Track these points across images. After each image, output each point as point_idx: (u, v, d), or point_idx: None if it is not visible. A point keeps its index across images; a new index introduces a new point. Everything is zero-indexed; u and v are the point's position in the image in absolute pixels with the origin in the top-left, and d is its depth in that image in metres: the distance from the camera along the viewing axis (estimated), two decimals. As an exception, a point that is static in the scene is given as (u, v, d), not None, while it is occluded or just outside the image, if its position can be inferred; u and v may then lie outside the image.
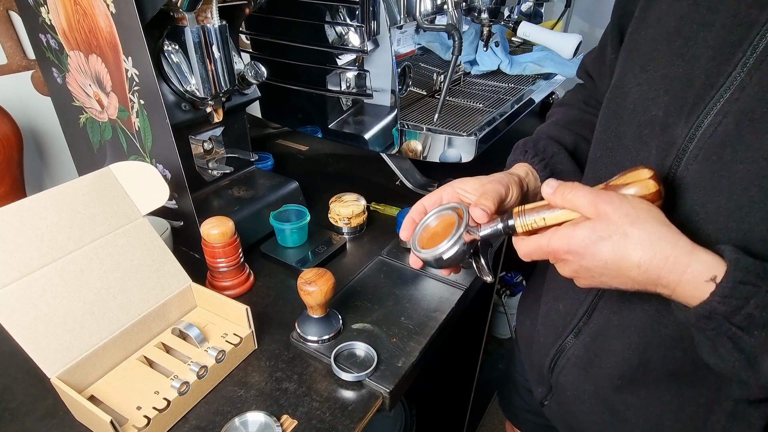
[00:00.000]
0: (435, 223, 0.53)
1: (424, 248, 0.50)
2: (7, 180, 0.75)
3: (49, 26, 0.67)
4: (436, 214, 0.53)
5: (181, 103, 0.69)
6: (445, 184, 0.56)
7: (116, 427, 0.45)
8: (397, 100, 0.92)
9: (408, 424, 1.21)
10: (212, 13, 0.64)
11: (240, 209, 0.76)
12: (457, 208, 0.51)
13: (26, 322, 0.47)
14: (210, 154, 0.78)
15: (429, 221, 0.54)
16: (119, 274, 0.54)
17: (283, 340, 0.61)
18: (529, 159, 0.62)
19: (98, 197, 0.55)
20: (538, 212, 0.45)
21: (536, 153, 0.62)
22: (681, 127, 0.43)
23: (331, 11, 0.91)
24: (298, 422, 0.50)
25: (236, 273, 0.67)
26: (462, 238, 0.48)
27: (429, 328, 0.62)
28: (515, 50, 1.44)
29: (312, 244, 0.77)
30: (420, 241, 0.52)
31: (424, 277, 0.72)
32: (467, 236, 0.49)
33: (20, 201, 0.50)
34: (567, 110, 0.70)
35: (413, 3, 0.91)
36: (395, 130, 0.94)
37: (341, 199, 0.81)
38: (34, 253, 0.49)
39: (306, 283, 0.55)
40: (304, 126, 1.14)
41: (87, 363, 0.50)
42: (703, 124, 0.41)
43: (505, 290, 1.71)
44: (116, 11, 0.58)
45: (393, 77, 0.92)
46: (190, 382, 0.51)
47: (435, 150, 0.93)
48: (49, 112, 0.83)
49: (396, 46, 0.92)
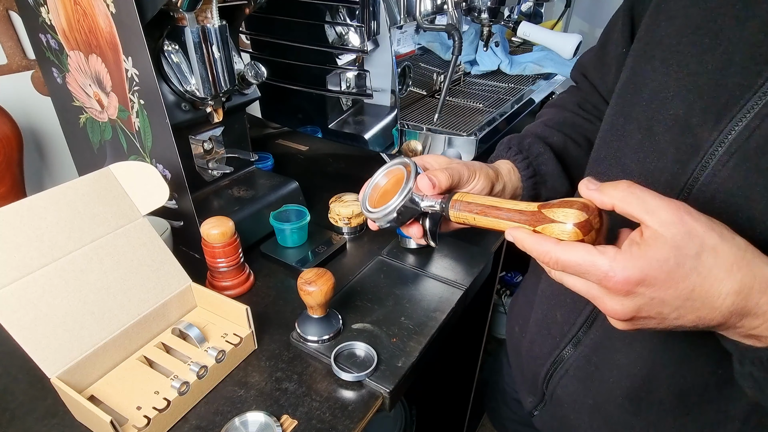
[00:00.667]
0: (384, 181, 0.51)
1: (375, 207, 0.48)
2: (7, 180, 0.75)
3: (49, 26, 0.67)
4: (385, 170, 0.51)
5: (181, 103, 0.69)
6: (416, 157, 0.54)
7: (116, 427, 0.45)
8: (397, 100, 0.92)
9: (408, 424, 1.21)
10: (212, 13, 0.64)
11: (240, 209, 0.76)
12: (406, 164, 0.49)
13: (26, 322, 0.47)
14: (210, 154, 0.78)
15: (378, 179, 0.52)
16: (119, 274, 0.54)
17: (283, 340, 0.61)
18: (511, 156, 0.58)
19: (98, 197, 0.55)
20: (483, 209, 0.41)
21: (520, 150, 0.58)
22: (708, 129, 0.38)
23: (331, 11, 0.91)
24: (298, 422, 0.50)
25: (236, 273, 0.67)
26: (410, 192, 0.45)
27: (429, 328, 0.62)
28: (515, 50, 1.44)
29: (312, 244, 0.77)
30: (371, 201, 0.50)
31: (424, 277, 0.72)
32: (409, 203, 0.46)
33: (20, 201, 0.50)
34: (558, 112, 0.66)
35: (413, 3, 0.92)
36: (395, 130, 0.94)
37: (341, 199, 0.81)
38: (34, 253, 0.49)
39: (306, 283, 0.55)
40: (304, 126, 1.14)
41: (87, 363, 0.50)
42: (736, 128, 0.37)
43: (505, 290, 1.71)
44: (116, 11, 0.58)
45: (393, 77, 0.92)
46: (190, 382, 0.51)
47: (435, 150, 0.93)
48: (49, 112, 0.83)
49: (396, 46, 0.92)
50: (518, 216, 0.39)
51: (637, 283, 0.31)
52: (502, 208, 0.40)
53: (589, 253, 0.33)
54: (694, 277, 0.31)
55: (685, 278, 0.31)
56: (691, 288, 0.31)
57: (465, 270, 0.73)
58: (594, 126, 0.63)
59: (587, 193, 0.35)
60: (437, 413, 1.36)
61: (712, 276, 0.31)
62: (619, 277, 0.31)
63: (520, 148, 0.58)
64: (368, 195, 0.51)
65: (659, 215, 0.31)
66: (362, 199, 0.51)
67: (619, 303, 0.33)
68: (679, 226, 0.31)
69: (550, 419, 0.61)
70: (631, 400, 0.48)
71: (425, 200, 0.46)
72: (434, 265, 0.74)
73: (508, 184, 0.55)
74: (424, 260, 0.75)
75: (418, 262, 0.75)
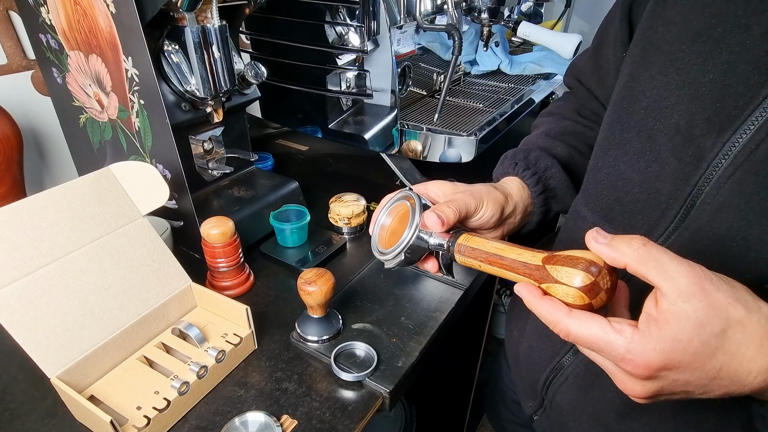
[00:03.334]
0: (390, 220, 0.50)
1: (387, 249, 0.47)
2: (7, 180, 0.75)
3: (49, 26, 0.67)
4: (389, 207, 0.50)
5: (181, 103, 0.69)
6: (419, 184, 0.53)
7: (116, 427, 0.45)
8: (397, 100, 0.92)
9: (408, 424, 1.21)
10: (212, 13, 0.64)
11: (240, 209, 0.76)
12: (409, 197, 0.47)
13: (26, 322, 0.47)
14: (210, 154, 0.78)
15: (383, 220, 0.50)
16: (119, 274, 0.54)
17: (283, 340, 0.61)
18: (519, 173, 0.56)
19: (98, 197, 0.55)
20: (488, 258, 0.39)
21: (527, 166, 0.56)
22: (711, 140, 0.37)
23: (331, 11, 0.91)
24: (298, 422, 0.50)
25: (236, 273, 0.67)
26: (417, 229, 0.44)
27: (429, 328, 0.62)
28: (515, 50, 1.44)
29: (312, 244, 0.77)
30: (382, 242, 0.49)
31: (424, 277, 0.72)
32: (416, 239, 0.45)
33: (20, 201, 0.50)
34: (557, 120, 0.63)
35: (413, 3, 0.92)
36: (395, 130, 0.94)
37: (341, 199, 0.81)
38: (34, 253, 0.49)
39: (306, 283, 0.55)
40: (304, 126, 1.14)
41: (87, 363, 0.50)
42: (740, 139, 0.36)
43: (505, 290, 1.71)
44: (116, 11, 0.58)
45: (393, 77, 0.92)
46: (190, 382, 0.51)
47: (435, 150, 0.93)
48: (49, 112, 0.83)
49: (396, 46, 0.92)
50: (523, 269, 0.36)
51: (660, 369, 0.29)
52: (506, 258, 0.38)
53: (603, 331, 0.30)
54: (720, 356, 0.28)
55: (711, 358, 0.28)
56: (718, 368, 0.29)
57: (465, 270, 0.73)
58: (595, 133, 0.60)
59: (596, 248, 0.32)
60: (437, 413, 1.36)
61: (740, 354, 0.28)
62: (639, 360, 0.29)
63: (527, 164, 0.57)
64: (378, 236, 0.50)
65: (678, 283, 0.28)
66: (374, 243, 0.50)
67: (640, 385, 0.31)
68: (701, 297, 0.28)
69: (549, 425, 0.60)
70: (632, 408, 0.47)
71: (433, 237, 0.45)
72: (434, 265, 0.74)
73: (519, 203, 0.54)
74: (424, 260, 0.75)
75: (418, 262, 0.75)
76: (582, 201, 0.52)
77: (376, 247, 0.49)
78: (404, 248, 0.45)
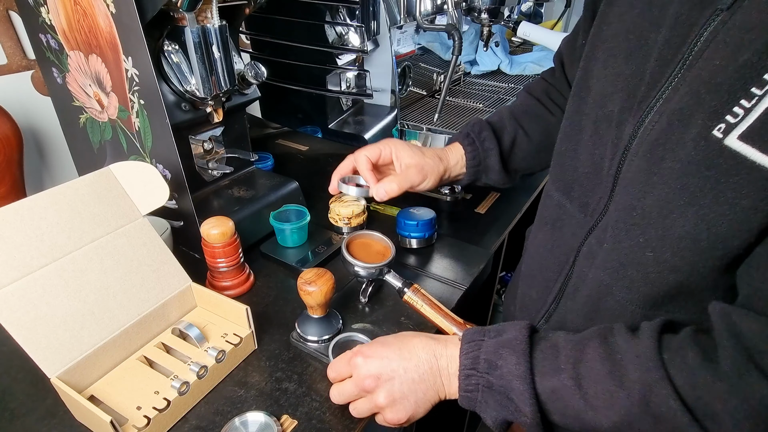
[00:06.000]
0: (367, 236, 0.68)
1: (357, 257, 0.63)
2: (7, 180, 0.75)
3: (49, 26, 0.67)
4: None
5: (181, 103, 0.69)
6: (386, 140, 0.67)
7: (116, 427, 0.45)
8: (397, 100, 0.92)
9: (408, 424, 1.21)
10: (212, 13, 0.64)
11: (240, 209, 0.76)
12: (383, 241, 0.67)
13: (26, 322, 0.47)
14: (210, 154, 0.78)
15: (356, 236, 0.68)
16: (119, 274, 0.54)
17: (283, 340, 0.61)
18: (465, 146, 0.69)
19: (98, 197, 0.55)
20: (427, 311, 0.58)
21: (473, 142, 0.69)
22: (629, 124, 0.44)
23: (331, 11, 0.91)
24: (298, 422, 0.50)
25: (236, 273, 0.67)
26: (378, 269, 0.62)
27: (429, 328, 0.62)
28: (515, 50, 1.44)
29: (312, 244, 0.77)
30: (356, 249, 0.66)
31: (424, 278, 0.72)
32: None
33: (20, 201, 0.50)
34: (527, 98, 0.74)
35: (413, 3, 0.92)
36: (395, 130, 0.95)
37: (341, 199, 0.81)
38: (34, 253, 0.49)
39: (306, 283, 0.55)
40: (304, 126, 1.14)
41: (87, 363, 0.50)
42: (645, 122, 0.42)
43: (505, 290, 1.71)
44: (116, 11, 0.58)
45: (393, 77, 0.92)
46: (190, 382, 0.51)
47: (435, 150, 0.93)
48: (49, 112, 0.83)
49: (396, 46, 0.93)
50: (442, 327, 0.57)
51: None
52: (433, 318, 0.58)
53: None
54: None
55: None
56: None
57: (465, 270, 0.73)
58: (554, 118, 0.71)
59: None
60: (437, 413, 1.36)
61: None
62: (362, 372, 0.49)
63: (474, 140, 0.70)
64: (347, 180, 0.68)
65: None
66: (342, 248, 0.64)
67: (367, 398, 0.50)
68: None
69: None
70: None
71: (389, 276, 0.62)
72: (434, 265, 0.74)
73: (454, 170, 0.69)
74: (424, 260, 0.76)
75: (418, 262, 0.75)
76: (550, 181, 0.59)
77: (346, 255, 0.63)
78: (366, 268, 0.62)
